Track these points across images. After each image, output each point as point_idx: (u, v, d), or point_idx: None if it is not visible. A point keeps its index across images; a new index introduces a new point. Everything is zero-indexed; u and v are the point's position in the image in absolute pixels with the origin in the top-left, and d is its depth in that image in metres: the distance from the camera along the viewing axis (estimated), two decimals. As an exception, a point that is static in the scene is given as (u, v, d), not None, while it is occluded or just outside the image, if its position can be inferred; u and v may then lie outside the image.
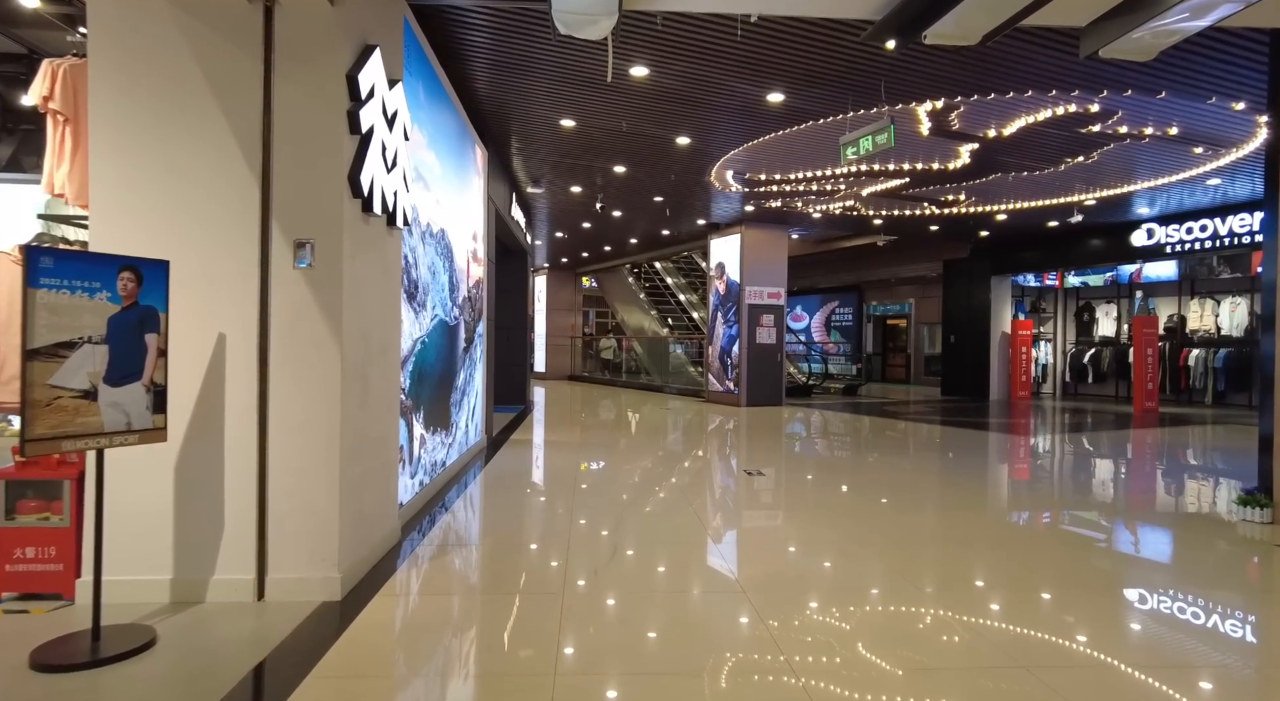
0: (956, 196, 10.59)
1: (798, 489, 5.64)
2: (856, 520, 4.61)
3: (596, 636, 2.77)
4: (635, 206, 11.72)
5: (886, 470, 6.68)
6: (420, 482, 4.80)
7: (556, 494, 5.45)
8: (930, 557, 3.88)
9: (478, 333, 7.04)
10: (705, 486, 5.86)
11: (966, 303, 15.98)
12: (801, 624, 2.89)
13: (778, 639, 2.72)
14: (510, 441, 8.00)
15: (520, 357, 12.19)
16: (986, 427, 10.35)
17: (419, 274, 4.71)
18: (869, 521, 4.59)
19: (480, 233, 7.23)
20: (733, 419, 11.10)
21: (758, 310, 12.87)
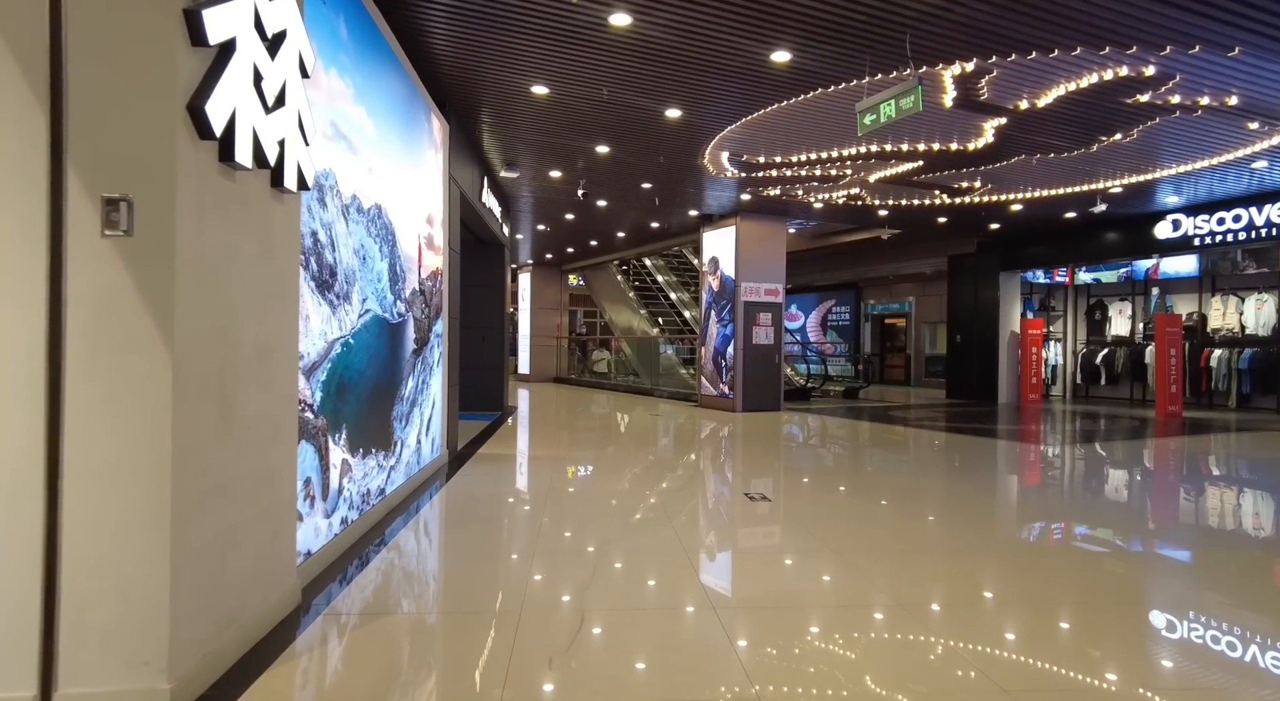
0: (971, 183, 9.69)
1: (812, 523, 4.69)
2: (900, 570, 3.67)
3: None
4: (621, 195, 10.76)
5: (917, 495, 5.75)
6: (343, 521, 3.82)
7: (517, 528, 4.48)
8: (1011, 626, 2.94)
9: (435, 332, 6.07)
10: (699, 519, 4.90)
11: (973, 300, 15.12)
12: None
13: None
14: (477, 456, 7.02)
15: (497, 360, 11.20)
16: (1008, 436, 9.45)
17: (339, 257, 3.73)
18: (915, 571, 3.65)
19: (439, 216, 6.25)
20: (728, 426, 10.16)
21: (754, 308, 11.94)
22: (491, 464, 6.65)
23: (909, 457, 7.77)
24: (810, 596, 3.31)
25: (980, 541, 4.29)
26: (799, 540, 4.22)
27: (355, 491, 4.03)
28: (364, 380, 4.17)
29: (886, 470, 6.90)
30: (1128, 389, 14.84)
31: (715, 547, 4.15)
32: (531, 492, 5.55)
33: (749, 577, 3.59)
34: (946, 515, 4.97)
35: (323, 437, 3.51)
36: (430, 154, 5.95)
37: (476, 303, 11.12)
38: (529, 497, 5.38)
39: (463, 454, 7.15)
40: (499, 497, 5.38)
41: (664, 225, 13.35)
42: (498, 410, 11.20)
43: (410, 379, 5.27)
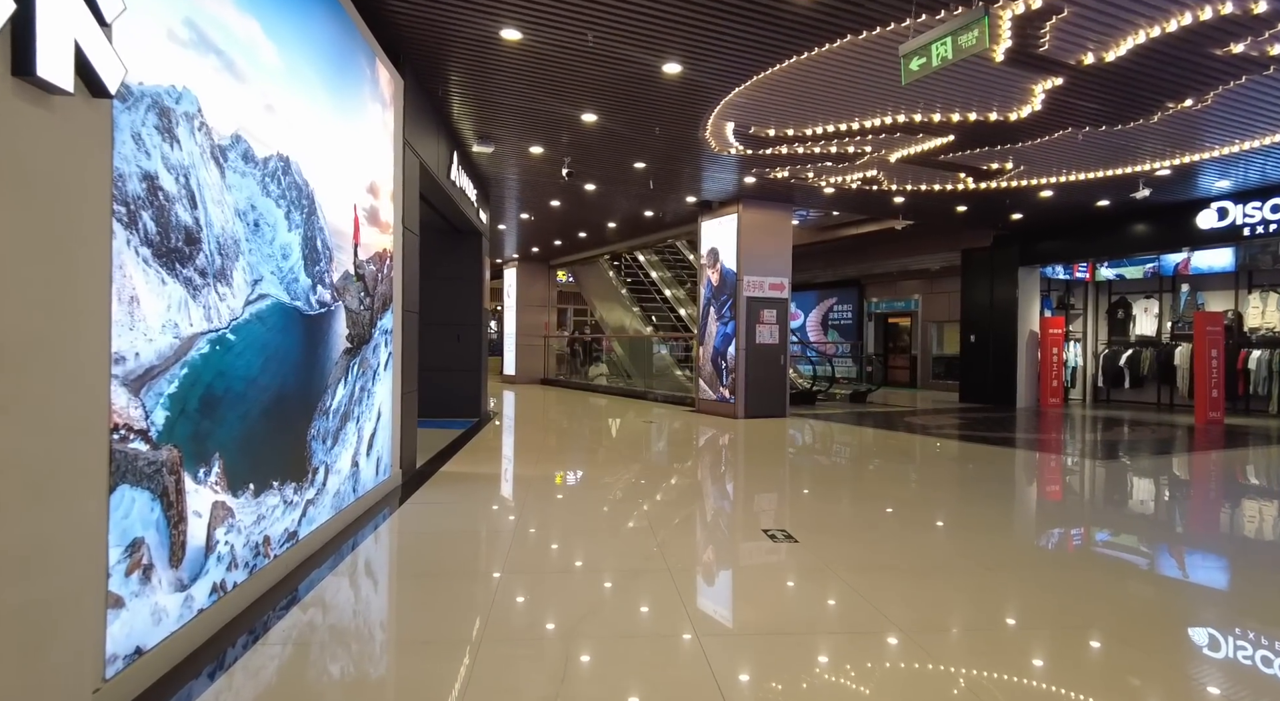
0: (1002, 165, 8.66)
1: (858, 578, 3.62)
2: (1015, 661, 2.61)
3: None
4: (612, 177, 9.68)
5: (981, 531, 4.69)
6: (217, 589, 2.73)
7: (468, 586, 3.40)
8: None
9: (381, 327, 4.97)
10: (713, 575, 3.82)
11: (989, 298, 14.11)
12: None
13: None
14: (438, 477, 5.93)
15: (474, 361, 10.11)
16: (1048, 449, 8.42)
17: (205, 219, 2.64)
18: (1041, 663, 2.59)
19: (386, 186, 5.16)
20: (730, 435, 9.09)
21: (757, 304, 10.88)
22: (453, 487, 5.55)
23: (951, 476, 6.73)
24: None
25: (1129, 617, 3.23)
26: (850, 610, 3.15)
27: (242, 543, 2.94)
28: (256, 390, 3.07)
29: (931, 495, 5.85)
30: (1154, 392, 13.88)
31: (736, 623, 3.08)
32: (494, 529, 4.46)
33: (791, 680, 2.52)
34: (1039, 569, 3.91)
35: (171, 476, 2.41)
36: (374, 109, 4.85)
37: (451, 297, 10.04)
38: (490, 537, 4.29)
39: (423, 472, 6.06)
40: (451, 538, 4.28)
41: (658, 214, 12.28)
42: (474, 417, 10.10)
43: (341, 386, 4.17)
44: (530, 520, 4.53)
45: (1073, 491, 6.15)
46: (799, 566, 3.64)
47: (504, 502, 5.10)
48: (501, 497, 5.26)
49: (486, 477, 5.97)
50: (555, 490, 5.51)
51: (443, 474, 5.99)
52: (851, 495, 5.54)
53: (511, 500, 5.13)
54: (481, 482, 5.74)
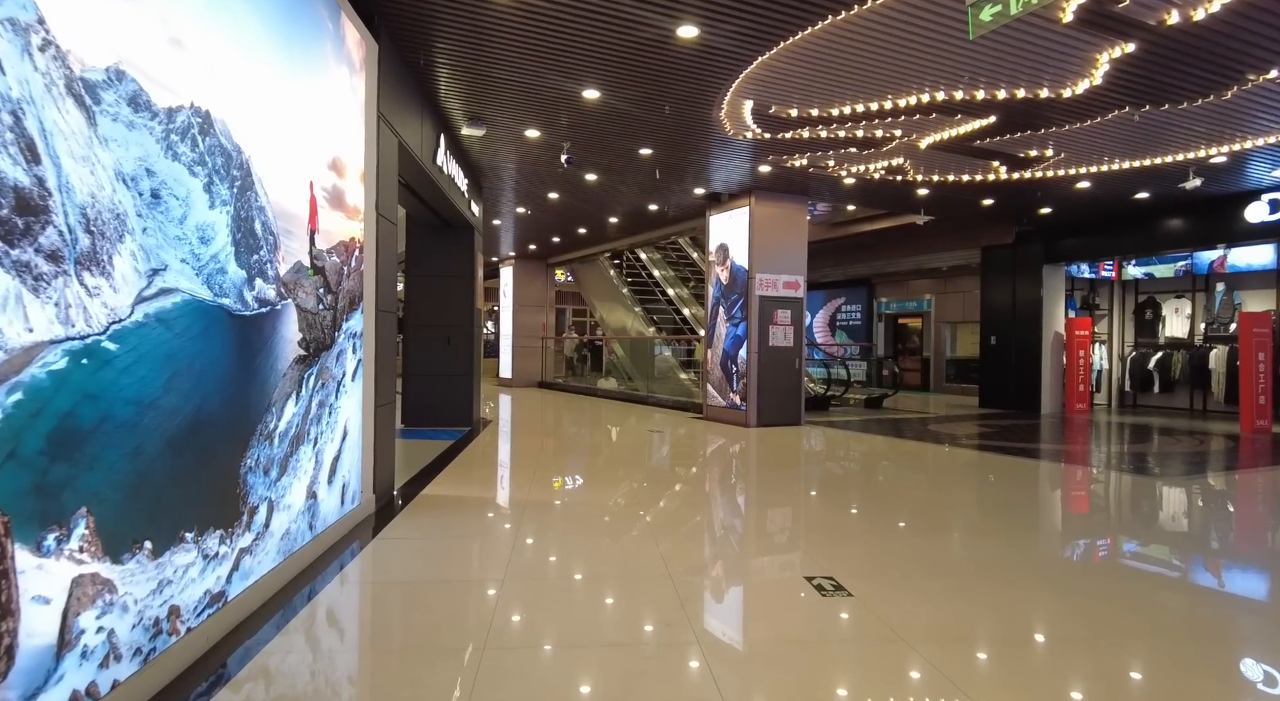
0: (1042, 151, 7.91)
1: (937, 648, 2.86)
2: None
3: None
4: (615, 165, 8.92)
5: (1082, 579, 3.94)
6: (89, 693, 1.96)
7: (438, 668, 2.64)
8: None
9: (345, 330, 4.21)
10: (752, 647, 3.06)
11: (1010, 297, 13.37)
12: None
13: None
14: (419, 501, 5.17)
15: (465, 365, 9.34)
16: (1098, 463, 7.68)
17: (62, 180, 1.88)
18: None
19: (355, 165, 4.40)
20: (744, 445, 8.34)
21: (771, 304, 10.13)
22: (433, 517, 4.79)
23: (1015, 501, 5.97)
24: None
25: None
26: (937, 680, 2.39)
27: (131, 624, 2.17)
28: (157, 416, 2.30)
29: (997, 524, 5.09)
30: (1185, 398, 13.13)
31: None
32: (479, 574, 3.70)
33: None
34: (1189, 640, 3.16)
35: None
36: (339, 73, 4.09)
37: (440, 296, 9.29)
38: (473, 587, 3.52)
39: (404, 494, 5.29)
40: (427, 588, 3.52)
41: (663, 208, 11.52)
42: (466, 425, 9.34)
43: (291, 403, 3.41)
44: (520, 566, 3.77)
45: (1179, 520, 5.40)
46: (861, 636, 2.88)
47: (489, 540, 4.33)
48: (487, 532, 4.49)
49: (472, 504, 5.20)
50: (550, 522, 4.75)
51: (424, 499, 5.22)
52: (901, 525, 4.78)
53: (499, 536, 4.37)
54: (466, 511, 4.98)
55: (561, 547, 4.15)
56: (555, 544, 4.22)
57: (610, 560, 3.86)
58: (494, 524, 4.60)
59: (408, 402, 9.38)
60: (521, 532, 4.32)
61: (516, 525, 4.50)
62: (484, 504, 5.19)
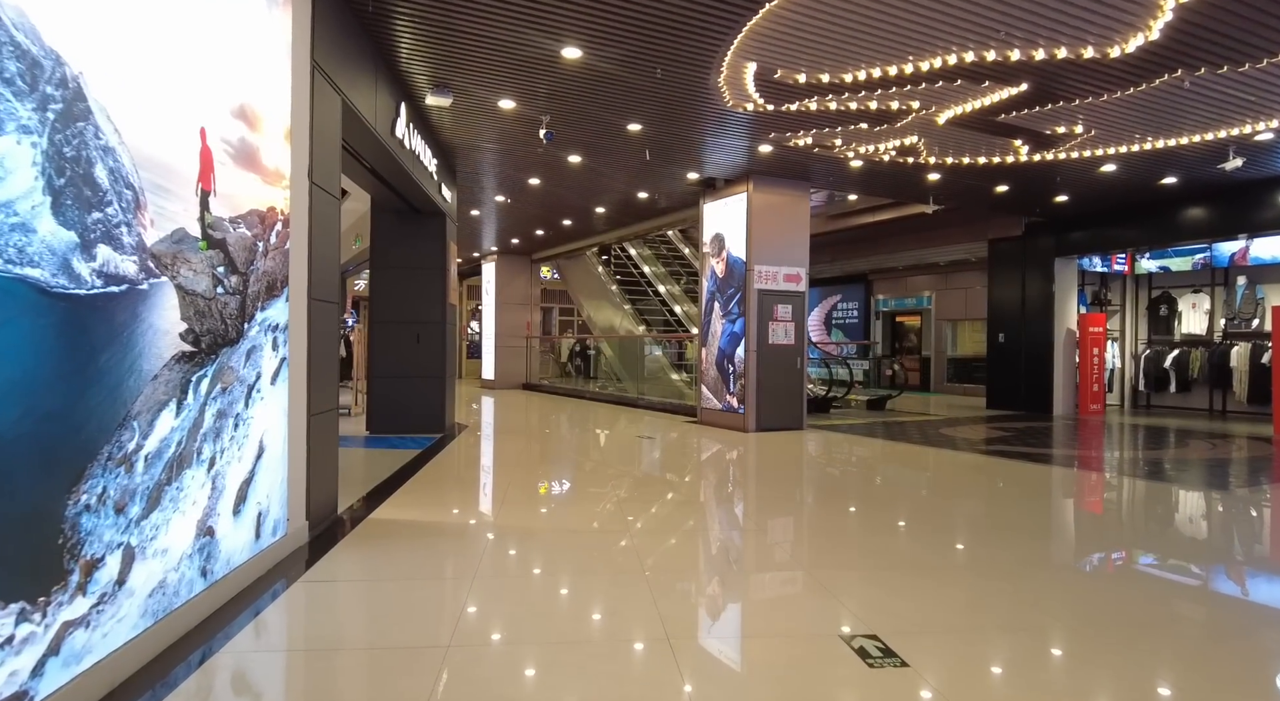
0: (1070, 127, 7.17)
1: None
2: None
3: None
4: (601, 145, 8.11)
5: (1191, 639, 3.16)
6: None
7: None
8: None
9: (260, 321, 3.38)
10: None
11: (1020, 293, 12.67)
12: None
13: None
14: (366, 525, 4.34)
15: (436, 366, 8.50)
16: (1149, 474, 6.94)
17: None
18: None
19: (276, 120, 3.57)
20: (744, 452, 7.55)
21: (771, 298, 9.35)
22: (380, 547, 3.96)
23: (1075, 524, 5.21)
24: None
25: None
26: None
27: None
28: None
29: (1063, 556, 4.32)
30: (1204, 398, 12.47)
31: None
32: (422, 636, 2.87)
33: None
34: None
35: None
36: (255, 3, 3.26)
37: (408, 290, 8.45)
38: (411, 658, 2.69)
39: (351, 517, 4.46)
40: (350, 659, 2.70)
41: (653, 196, 10.72)
42: (438, 431, 8.50)
43: (168, 414, 2.58)
44: (475, 625, 2.95)
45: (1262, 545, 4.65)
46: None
47: (441, 582, 3.51)
48: (439, 571, 3.67)
49: (428, 530, 4.37)
50: (519, 557, 3.93)
51: (373, 524, 4.39)
52: (946, 557, 4.00)
53: (453, 578, 3.55)
54: (419, 540, 4.15)
55: (531, 598, 3.33)
56: (523, 591, 3.41)
57: (594, 619, 3.05)
58: (450, 558, 3.78)
59: (373, 407, 8.54)
60: (482, 573, 3.50)
61: (477, 561, 3.68)
62: (442, 530, 4.36)
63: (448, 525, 4.45)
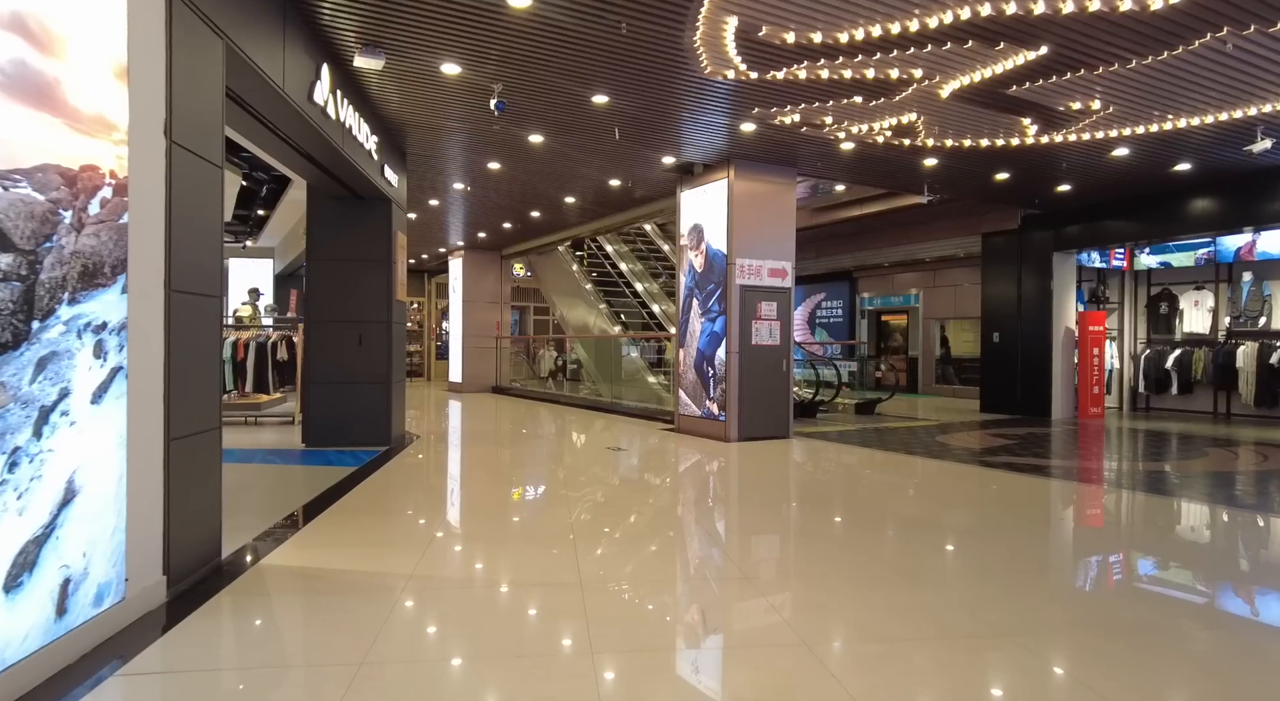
0: (1087, 102, 6.43)
1: None
2: None
3: None
4: (563, 120, 7.24)
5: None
6: None
7: None
8: None
9: (67, 320, 2.49)
10: None
11: (1015, 289, 11.99)
12: None
13: None
14: (253, 574, 3.46)
15: (380, 370, 7.59)
16: (1205, 494, 6.21)
17: None
18: None
19: (88, 45, 2.66)
20: (723, 463, 6.73)
21: (754, 295, 8.54)
22: (256, 611, 3.08)
23: (1111, 546, 4.43)
24: None
25: None
26: None
27: None
28: None
29: (1130, 606, 3.53)
30: (1207, 400, 11.86)
31: None
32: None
33: None
34: None
35: None
36: None
37: (349, 285, 7.54)
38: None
39: (236, 565, 3.57)
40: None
41: (626, 183, 9.87)
42: (382, 444, 7.58)
43: None
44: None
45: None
46: None
47: (321, 671, 2.63)
48: (325, 650, 2.79)
49: (328, 584, 3.48)
50: (439, 628, 3.07)
51: (261, 572, 3.50)
52: (992, 617, 3.19)
53: (340, 662, 2.67)
54: (313, 599, 3.26)
55: (434, 696, 2.47)
56: (425, 686, 2.54)
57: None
58: (340, 631, 2.89)
59: (309, 417, 7.61)
60: (375, 657, 2.63)
61: (373, 637, 2.80)
62: (345, 583, 3.47)
63: (354, 576, 3.56)
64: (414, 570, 3.57)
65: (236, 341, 9.32)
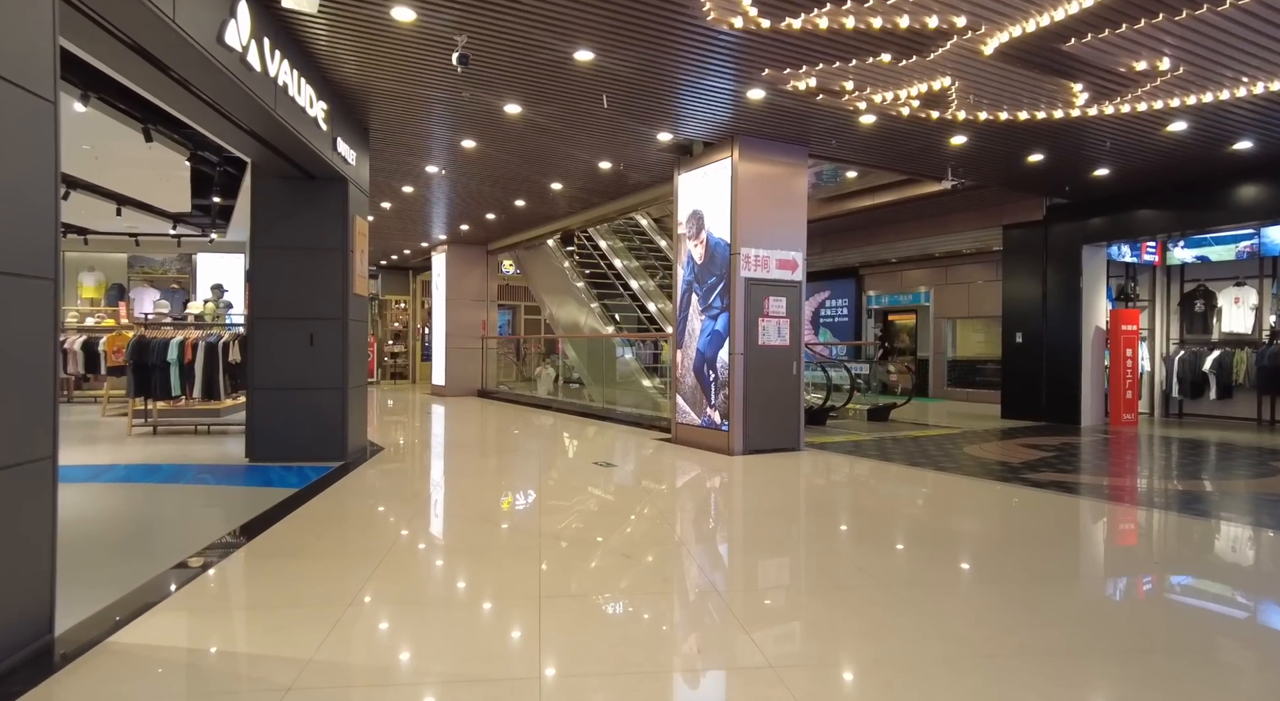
0: (1154, 63, 5.50)
1: None
2: None
3: None
4: (542, 86, 6.30)
5: None
6: None
7: None
8: None
9: None
10: None
11: (1040, 285, 11.06)
12: None
13: None
14: (90, 660, 2.50)
15: (332, 374, 6.63)
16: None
17: None
18: None
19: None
20: (726, 485, 5.79)
21: (761, 289, 7.60)
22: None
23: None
24: None
25: None
26: None
27: None
28: None
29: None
30: (1250, 405, 10.95)
31: None
32: None
33: None
34: None
35: None
36: None
37: (300, 277, 6.61)
38: None
39: (70, 647, 2.61)
40: None
41: (618, 166, 8.91)
42: (336, 458, 6.63)
43: None
44: None
45: None
46: None
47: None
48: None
49: (209, 673, 2.51)
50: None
51: (99, 659, 2.54)
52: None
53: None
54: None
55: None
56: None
57: None
58: None
59: (253, 428, 6.64)
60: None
61: None
62: (227, 671, 2.51)
63: (233, 662, 2.60)
64: (314, 653, 2.60)
65: (184, 342, 8.35)
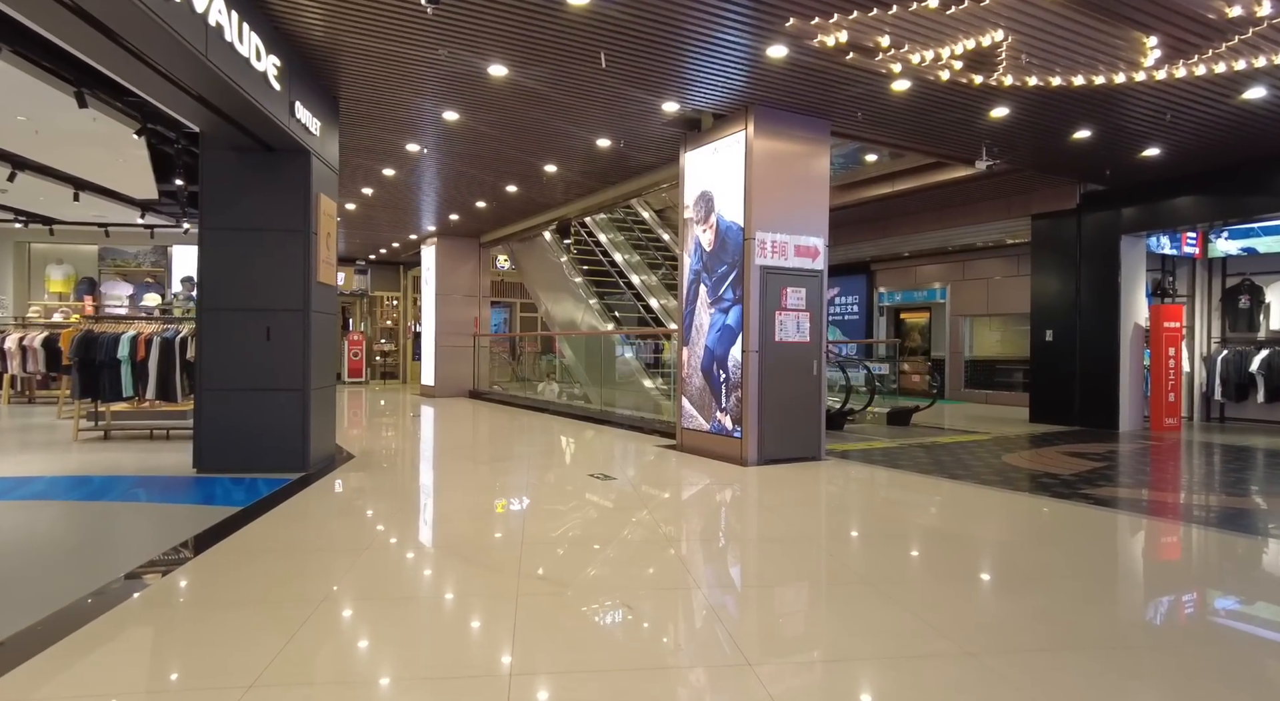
0: (1250, 7, 4.68)
1: None
2: None
3: None
4: (525, 34, 5.47)
5: None
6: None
7: None
8: None
9: None
10: None
11: (1074, 279, 10.25)
12: None
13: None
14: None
15: (291, 374, 5.81)
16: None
17: None
18: None
19: None
20: (740, 501, 4.96)
21: (778, 279, 6.78)
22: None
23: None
24: None
25: None
26: None
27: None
28: None
29: None
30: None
31: None
32: None
33: None
34: None
35: None
36: None
37: (254, 263, 5.78)
38: None
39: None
40: None
41: (617, 143, 8.08)
42: (297, 469, 5.80)
43: None
44: None
45: None
46: None
47: None
48: None
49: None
50: None
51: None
52: None
53: None
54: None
55: None
56: None
57: None
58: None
59: (200, 434, 5.82)
60: None
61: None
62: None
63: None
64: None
65: (136, 337, 7.52)
